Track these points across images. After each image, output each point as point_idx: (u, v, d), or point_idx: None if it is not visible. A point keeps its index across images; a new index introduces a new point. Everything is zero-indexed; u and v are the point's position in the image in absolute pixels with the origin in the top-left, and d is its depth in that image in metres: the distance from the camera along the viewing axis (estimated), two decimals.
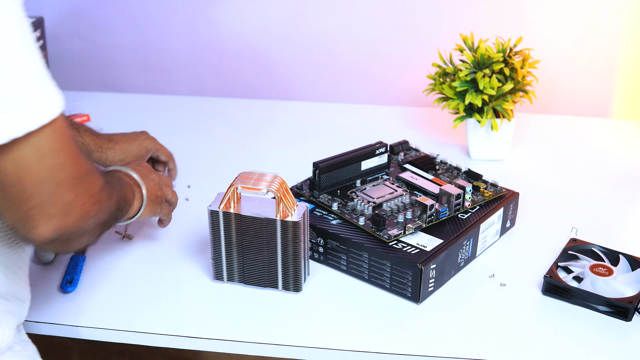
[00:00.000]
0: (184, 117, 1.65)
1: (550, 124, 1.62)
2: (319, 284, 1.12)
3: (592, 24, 1.63)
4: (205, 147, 1.52)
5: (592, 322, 1.05)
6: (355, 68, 1.75)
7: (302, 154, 1.45)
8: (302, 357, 1.01)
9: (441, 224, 1.14)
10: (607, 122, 1.64)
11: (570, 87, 1.69)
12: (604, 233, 1.23)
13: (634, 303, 1.04)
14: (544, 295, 1.10)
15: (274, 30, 1.74)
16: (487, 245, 1.20)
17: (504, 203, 1.21)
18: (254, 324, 1.05)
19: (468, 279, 1.14)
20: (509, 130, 1.43)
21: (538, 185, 1.38)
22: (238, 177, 1.07)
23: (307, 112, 1.67)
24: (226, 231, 1.08)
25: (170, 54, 1.79)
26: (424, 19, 1.68)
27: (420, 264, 1.05)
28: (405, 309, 1.07)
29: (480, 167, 1.39)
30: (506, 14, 1.65)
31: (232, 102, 1.72)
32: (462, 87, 1.38)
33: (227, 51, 1.76)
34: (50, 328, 1.05)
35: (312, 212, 1.17)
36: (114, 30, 1.78)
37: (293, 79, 1.78)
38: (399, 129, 1.58)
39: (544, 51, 1.56)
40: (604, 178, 1.42)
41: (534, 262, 1.16)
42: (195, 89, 1.82)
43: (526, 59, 1.41)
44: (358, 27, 1.71)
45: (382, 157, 1.26)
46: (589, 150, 1.51)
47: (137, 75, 1.82)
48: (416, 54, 1.69)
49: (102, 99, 1.72)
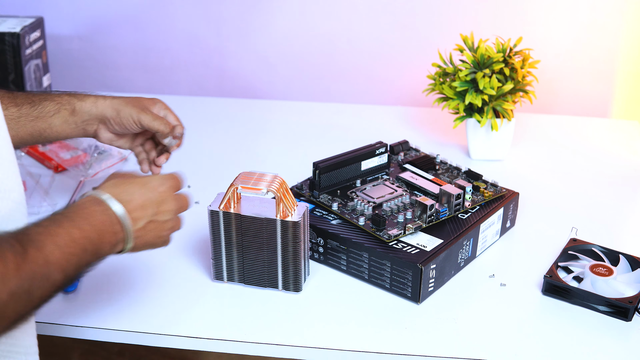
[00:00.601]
0: (184, 117, 1.65)
1: (550, 124, 1.62)
2: (319, 284, 1.12)
3: (592, 24, 1.63)
4: (205, 147, 1.52)
5: (592, 322, 1.05)
6: (355, 68, 1.75)
7: (302, 154, 1.45)
8: (302, 357, 1.01)
9: (441, 224, 1.14)
10: (607, 122, 1.64)
11: (570, 87, 1.69)
12: (604, 233, 1.23)
13: (634, 303, 1.04)
14: (544, 295, 1.10)
15: (274, 30, 1.74)
16: (487, 245, 1.20)
17: (504, 203, 1.21)
18: (254, 324, 1.05)
19: (468, 279, 1.14)
20: (509, 130, 1.43)
21: (538, 185, 1.38)
22: (238, 177, 1.07)
23: (307, 112, 1.67)
24: (226, 231, 1.08)
25: (170, 54, 1.79)
26: (424, 19, 1.68)
27: (420, 264, 1.05)
28: (405, 309, 1.07)
29: (480, 167, 1.39)
30: (506, 14, 1.65)
31: (232, 102, 1.72)
32: (462, 87, 1.38)
33: (227, 51, 1.76)
34: (50, 328, 1.05)
35: (312, 212, 1.17)
36: (114, 30, 1.78)
37: (293, 79, 1.78)
38: (399, 129, 1.58)
39: (544, 51, 1.56)
40: (604, 178, 1.42)
41: (534, 262, 1.16)
42: (195, 89, 1.82)
43: (526, 59, 1.41)
44: (358, 27, 1.71)
45: (382, 157, 1.26)
46: (589, 150, 1.51)
47: (137, 76, 1.82)
48: (416, 54, 1.69)
49: None
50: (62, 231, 0.74)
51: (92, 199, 0.80)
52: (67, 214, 0.77)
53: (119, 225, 0.81)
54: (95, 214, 0.79)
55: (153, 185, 0.86)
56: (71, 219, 0.76)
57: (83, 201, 0.80)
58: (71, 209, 0.78)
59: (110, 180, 0.84)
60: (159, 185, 0.87)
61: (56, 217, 0.76)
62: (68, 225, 0.75)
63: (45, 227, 0.73)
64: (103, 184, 0.83)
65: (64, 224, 0.75)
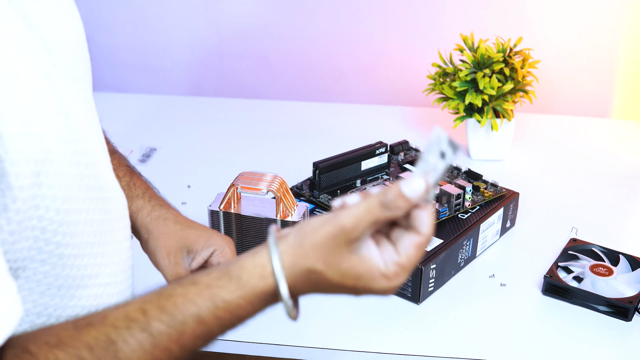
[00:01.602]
0: (184, 117, 1.65)
1: (550, 124, 1.62)
2: None
3: (592, 24, 1.63)
4: (205, 147, 1.52)
5: (592, 322, 1.05)
6: (355, 68, 1.75)
7: (302, 154, 1.45)
8: (302, 357, 1.01)
9: (441, 224, 1.14)
10: (606, 122, 1.64)
11: (570, 87, 1.69)
12: (604, 233, 1.23)
13: (634, 303, 1.04)
14: (544, 295, 1.10)
15: (274, 30, 1.74)
16: (487, 245, 1.20)
17: (504, 203, 1.21)
18: (254, 324, 1.04)
19: (468, 279, 1.14)
20: (509, 130, 1.43)
21: (538, 185, 1.38)
22: (238, 177, 1.07)
23: (307, 112, 1.67)
24: (226, 231, 1.08)
25: (170, 54, 1.79)
26: (424, 19, 1.68)
27: (420, 264, 1.05)
28: (405, 309, 1.07)
29: (480, 167, 1.39)
30: (506, 14, 1.65)
31: (232, 102, 1.72)
32: (462, 87, 1.38)
33: (227, 51, 1.76)
34: None
35: (312, 212, 1.17)
36: (114, 30, 1.78)
37: (293, 79, 1.78)
38: (399, 129, 1.58)
39: (544, 51, 1.56)
40: (604, 178, 1.42)
41: (534, 262, 1.16)
42: (195, 89, 1.82)
43: (526, 59, 1.41)
44: (358, 27, 1.71)
45: (382, 157, 1.26)
46: (588, 150, 1.51)
47: (137, 75, 1.82)
48: (416, 54, 1.69)
49: (103, 99, 1.72)
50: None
51: (262, 271, 0.60)
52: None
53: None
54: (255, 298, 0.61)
55: (372, 286, 0.60)
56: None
57: (247, 266, 0.60)
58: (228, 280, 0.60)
59: (318, 253, 0.59)
60: (380, 288, 0.60)
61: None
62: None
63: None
64: (300, 261, 0.59)
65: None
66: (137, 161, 1.45)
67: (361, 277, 0.59)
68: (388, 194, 0.57)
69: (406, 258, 0.59)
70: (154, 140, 1.53)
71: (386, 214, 0.57)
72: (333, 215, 0.58)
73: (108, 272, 0.70)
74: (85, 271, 0.66)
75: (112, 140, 0.92)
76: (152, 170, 1.42)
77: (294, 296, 0.60)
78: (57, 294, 0.64)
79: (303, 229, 0.60)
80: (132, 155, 1.47)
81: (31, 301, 0.63)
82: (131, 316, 0.58)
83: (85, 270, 0.66)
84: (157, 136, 1.55)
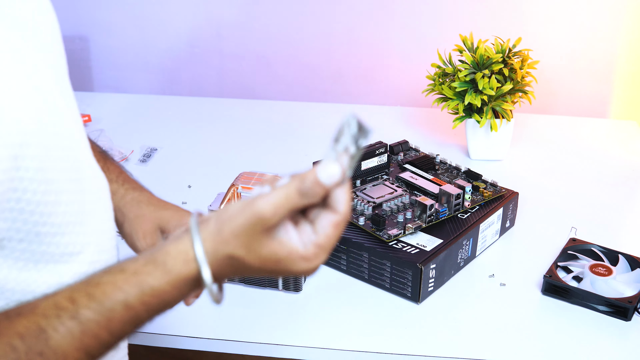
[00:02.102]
0: (184, 117, 1.65)
1: (549, 124, 1.62)
2: (319, 284, 1.12)
3: (591, 25, 1.64)
4: (205, 147, 1.52)
5: (592, 322, 1.05)
6: (355, 68, 1.75)
7: (302, 154, 1.45)
8: (302, 357, 1.02)
9: (441, 224, 1.14)
10: (605, 122, 1.64)
11: (569, 88, 1.69)
12: (603, 233, 1.23)
13: (633, 303, 1.04)
14: (544, 295, 1.10)
15: (274, 30, 1.74)
16: (487, 245, 1.21)
17: (504, 203, 1.21)
18: (254, 324, 1.05)
19: (468, 279, 1.14)
20: (508, 131, 1.43)
21: (537, 185, 1.38)
22: (238, 177, 1.07)
23: (307, 112, 1.67)
24: None
25: (170, 54, 1.79)
26: (424, 19, 1.68)
27: (420, 263, 1.05)
28: (405, 309, 1.08)
29: (480, 167, 1.40)
30: (505, 14, 1.65)
31: (232, 103, 1.72)
32: (461, 87, 1.38)
33: (228, 51, 1.77)
34: None
35: None
36: (114, 30, 1.78)
37: (293, 79, 1.78)
38: (398, 129, 1.58)
39: (543, 52, 1.56)
40: (603, 178, 1.42)
41: (534, 262, 1.17)
42: (195, 89, 1.82)
43: (525, 60, 1.41)
44: (358, 27, 1.71)
45: (382, 157, 1.26)
46: (587, 151, 1.52)
47: (137, 75, 1.82)
48: (416, 54, 1.70)
49: (103, 99, 1.72)
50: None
51: (185, 257, 0.61)
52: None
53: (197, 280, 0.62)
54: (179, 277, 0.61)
55: (292, 268, 0.61)
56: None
57: (171, 253, 0.61)
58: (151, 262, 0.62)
59: (238, 240, 0.60)
60: (300, 269, 0.61)
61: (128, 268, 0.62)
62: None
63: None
64: (222, 242, 0.60)
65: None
66: (137, 161, 1.45)
67: (281, 260, 0.60)
68: (306, 182, 0.58)
69: (324, 238, 0.60)
70: (154, 140, 1.53)
71: (304, 201, 0.59)
72: (250, 202, 0.59)
73: (92, 250, 0.72)
74: (65, 249, 0.68)
75: (105, 137, 0.93)
76: (153, 170, 1.42)
77: (217, 280, 0.62)
78: (33, 269, 0.66)
79: (221, 216, 0.61)
80: (133, 155, 1.47)
81: (11, 279, 0.65)
82: (60, 305, 0.60)
83: (65, 247, 0.68)
84: (157, 136, 1.55)
